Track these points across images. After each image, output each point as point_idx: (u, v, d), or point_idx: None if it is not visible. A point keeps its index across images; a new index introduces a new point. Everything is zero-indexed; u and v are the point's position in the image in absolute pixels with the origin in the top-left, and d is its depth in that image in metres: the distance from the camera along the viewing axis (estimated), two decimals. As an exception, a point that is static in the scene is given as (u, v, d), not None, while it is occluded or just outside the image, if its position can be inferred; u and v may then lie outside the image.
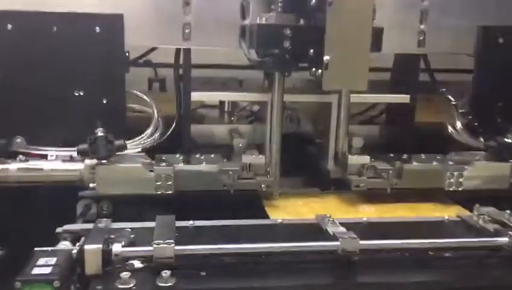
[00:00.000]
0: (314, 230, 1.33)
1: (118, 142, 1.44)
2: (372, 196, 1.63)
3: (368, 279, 1.19)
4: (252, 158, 1.58)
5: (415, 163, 1.64)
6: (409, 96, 1.74)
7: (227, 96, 1.68)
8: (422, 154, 1.70)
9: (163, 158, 1.55)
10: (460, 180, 1.60)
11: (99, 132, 1.42)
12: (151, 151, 1.59)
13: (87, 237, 1.18)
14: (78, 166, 1.47)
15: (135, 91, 1.64)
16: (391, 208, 1.60)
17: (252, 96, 1.71)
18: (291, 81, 1.67)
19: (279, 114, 1.60)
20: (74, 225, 1.32)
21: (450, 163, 1.63)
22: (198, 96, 1.64)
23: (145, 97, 1.64)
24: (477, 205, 1.46)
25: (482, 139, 1.70)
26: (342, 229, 1.26)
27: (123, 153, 1.52)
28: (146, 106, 1.67)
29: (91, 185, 1.45)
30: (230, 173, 1.53)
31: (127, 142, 1.49)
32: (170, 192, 1.48)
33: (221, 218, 1.40)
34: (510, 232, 1.26)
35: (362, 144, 1.67)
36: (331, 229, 1.26)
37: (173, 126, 1.65)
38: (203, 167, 1.53)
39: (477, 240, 1.30)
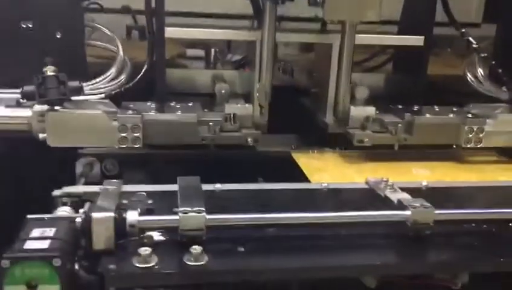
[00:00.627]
0: (369, 197, 1.12)
1: (72, 84, 1.18)
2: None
3: (444, 257, 0.96)
4: (236, 108, 1.34)
5: (427, 115, 1.39)
6: (423, 37, 1.47)
7: (207, 33, 1.41)
8: (436, 106, 1.46)
9: (131, 106, 1.30)
10: (480, 135, 1.37)
11: (49, 71, 1.17)
12: (119, 100, 1.34)
13: (95, 202, 0.94)
14: (26, 113, 1.22)
15: (95, 24, 1.37)
16: (445, 169, 1.37)
17: (238, 35, 1.45)
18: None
19: (271, 55, 1.34)
20: (75, 186, 1.10)
21: (469, 116, 1.39)
22: (173, 32, 1.37)
23: (106, 31, 1.37)
24: None
25: (505, 89, 1.44)
26: (407, 195, 1.04)
27: (83, 99, 1.27)
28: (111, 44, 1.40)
29: (41, 135, 1.20)
30: (211, 124, 1.29)
31: (85, 84, 1.23)
32: (138, 146, 1.24)
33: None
34: None
35: (367, 95, 1.43)
36: (392, 196, 1.05)
37: (144, 68, 1.38)
38: (178, 116, 1.29)
39: None
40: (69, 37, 1.31)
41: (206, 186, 1.09)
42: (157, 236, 0.91)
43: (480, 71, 1.49)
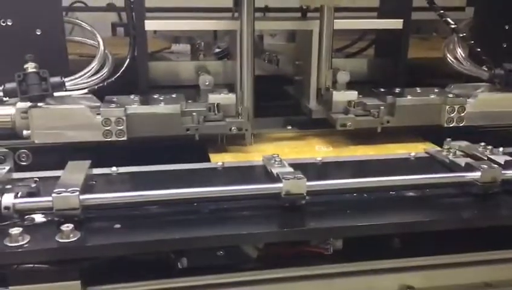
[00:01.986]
0: (260, 173, 1.18)
1: (53, 80, 1.19)
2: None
3: (316, 224, 1.01)
4: (220, 97, 1.35)
5: (409, 97, 1.41)
6: (402, 20, 1.49)
7: (186, 24, 1.42)
8: (418, 88, 1.47)
9: (114, 100, 1.31)
10: (462, 115, 1.39)
11: (30, 68, 1.17)
12: (102, 94, 1.34)
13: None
14: (9, 110, 1.22)
15: (75, 20, 1.37)
16: (352, 149, 1.42)
17: (217, 24, 1.45)
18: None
19: (250, 43, 1.35)
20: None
21: (450, 96, 1.40)
22: (153, 24, 1.38)
23: (86, 26, 1.38)
24: (448, 139, 1.32)
25: (485, 68, 1.46)
26: (289, 169, 1.09)
27: (65, 94, 1.28)
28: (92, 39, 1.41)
29: (25, 132, 1.21)
30: (195, 114, 1.30)
31: (66, 79, 1.24)
32: (123, 138, 1.25)
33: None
34: (483, 166, 1.09)
35: (348, 79, 1.44)
36: (276, 171, 1.08)
37: (126, 62, 1.39)
38: (161, 108, 1.29)
39: (444, 175, 1.14)
40: (49, 33, 1.30)
41: (103, 170, 1.17)
42: (40, 217, 0.97)
43: (459, 52, 1.51)
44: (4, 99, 1.22)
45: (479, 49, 1.45)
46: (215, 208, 1.04)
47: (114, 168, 1.20)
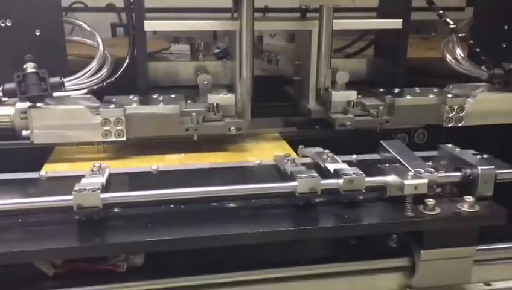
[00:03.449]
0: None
1: (53, 80, 1.19)
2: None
3: (112, 239, 0.96)
4: (219, 97, 1.35)
5: (408, 97, 1.41)
6: (401, 20, 1.49)
7: (186, 24, 1.42)
8: (417, 88, 1.47)
9: (114, 100, 1.31)
10: (461, 114, 1.39)
11: (29, 68, 1.17)
12: (101, 94, 1.34)
13: None
14: (8, 110, 1.22)
15: (74, 20, 1.37)
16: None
17: (216, 25, 1.45)
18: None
19: (250, 43, 1.35)
20: None
21: (449, 96, 1.40)
22: (152, 25, 1.38)
23: (85, 26, 1.38)
24: (301, 146, 1.31)
25: (484, 68, 1.46)
26: (100, 179, 1.03)
27: (65, 94, 1.28)
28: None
29: (24, 132, 1.21)
30: (194, 114, 1.30)
31: (66, 80, 1.24)
32: (123, 138, 1.25)
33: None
34: (302, 175, 1.04)
35: (347, 80, 1.44)
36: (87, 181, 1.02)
37: (126, 62, 1.39)
38: (161, 108, 1.29)
39: (262, 186, 1.06)
40: (48, 34, 1.31)
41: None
42: None
43: (459, 52, 1.50)
44: (3, 99, 1.23)
45: (478, 49, 1.45)
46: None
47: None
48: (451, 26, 1.46)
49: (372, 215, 1.05)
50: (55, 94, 1.23)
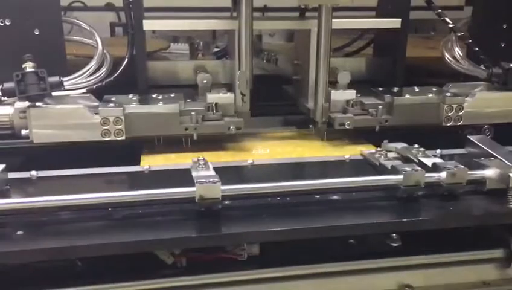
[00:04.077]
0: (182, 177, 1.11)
1: (52, 79, 1.19)
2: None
3: (229, 229, 0.99)
4: (218, 97, 1.35)
5: (407, 96, 1.41)
6: (400, 20, 1.49)
7: (185, 24, 1.42)
8: (416, 87, 1.48)
9: (113, 99, 1.31)
10: (460, 113, 1.39)
11: (28, 67, 1.17)
12: (100, 93, 1.34)
13: None
14: (7, 110, 1.22)
15: (73, 19, 1.37)
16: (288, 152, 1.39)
17: (215, 24, 1.45)
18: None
19: (249, 43, 1.35)
20: None
21: (448, 95, 1.40)
22: (151, 24, 1.38)
23: (84, 25, 1.38)
24: (385, 141, 1.32)
25: (483, 67, 1.46)
26: (209, 173, 1.07)
27: (64, 94, 1.28)
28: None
29: (23, 132, 1.21)
30: (193, 113, 1.30)
31: (65, 79, 1.24)
32: (122, 138, 1.25)
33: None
34: (406, 168, 1.08)
35: (349, 80, 1.44)
36: (197, 174, 1.05)
37: (125, 61, 1.39)
38: (160, 107, 1.29)
39: (367, 179, 1.11)
40: (47, 33, 1.31)
41: (22, 174, 1.17)
42: None
43: (457, 51, 1.51)
44: (2, 99, 1.22)
45: (477, 48, 1.46)
46: (129, 213, 1.02)
47: (34, 172, 1.18)
48: (450, 25, 1.46)
49: (475, 207, 1.09)
50: (54, 93, 1.22)
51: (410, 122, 1.41)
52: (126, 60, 1.40)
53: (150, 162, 1.28)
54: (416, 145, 1.26)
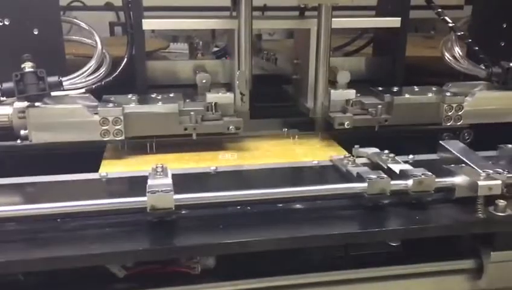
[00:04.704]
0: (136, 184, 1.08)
1: (51, 79, 1.19)
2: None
3: (183, 241, 0.94)
4: (218, 96, 1.35)
5: (406, 96, 1.41)
6: (399, 19, 1.49)
7: (183, 23, 1.42)
8: (416, 87, 1.47)
9: (112, 99, 1.31)
10: (460, 113, 1.39)
11: (27, 67, 1.17)
12: (99, 93, 1.34)
13: None
14: (6, 110, 1.22)
15: (72, 19, 1.37)
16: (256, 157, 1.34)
17: (214, 24, 1.45)
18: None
19: (248, 42, 1.35)
20: None
21: (448, 94, 1.40)
22: (150, 24, 1.38)
23: (83, 25, 1.38)
24: (356, 146, 1.28)
25: (483, 67, 1.46)
26: (167, 181, 1.00)
27: (63, 94, 1.28)
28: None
29: (22, 132, 1.21)
30: (192, 113, 1.30)
31: (64, 79, 1.24)
32: (121, 138, 1.25)
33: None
34: (371, 176, 1.03)
35: (349, 79, 1.44)
36: (152, 183, 1.00)
37: (124, 61, 1.39)
38: (159, 107, 1.29)
39: (331, 187, 1.07)
40: (46, 33, 1.31)
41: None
42: None
43: (457, 50, 1.50)
44: (1, 99, 1.22)
45: (476, 48, 1.45)
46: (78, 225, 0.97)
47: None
48: (450, 24, 1.46)
49: (443, 216, 1.04)
50: (53, 93, 1.22)
51: (409, 121, 1.41)
52: (125, 59, 1.40)
53: (110, 169, 1.23)
54: (386, 151, 1.21)
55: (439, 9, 1.46)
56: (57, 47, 1.33)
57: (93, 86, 1.34)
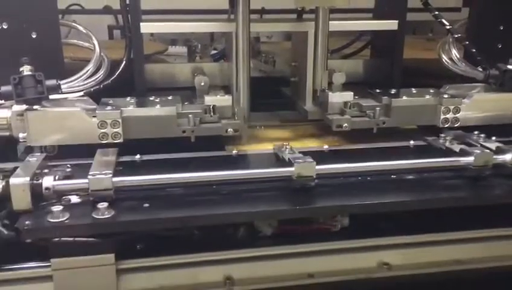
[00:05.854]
0: (271, 159, 1.27)
1: (49, 82, 1.19)
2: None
3: (324, 203, 1.12)
4: (216, 99, 1.35)
5: (404, 98, 1.41)
6: (397, 21, 1.49)
7: (181, 27, 1.42)
8: (413, 89, 1.48)
9: (110, 102, 1.31)
10: (457, 115, 1.39)
11: (26, 71, 1.17)
12: (98, 96, 1.34)
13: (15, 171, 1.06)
14: (5, 113, 1.22)
15: (70, 22, 1.37)
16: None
17: (212, 26, 1.46)
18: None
19: (246, 45, 1.35)
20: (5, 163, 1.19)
21: (445, 96, 1.41)
22: (148, 27, 1.38)
23: (81, 28, 1.38)
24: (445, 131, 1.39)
25: (480, 69, 1.46)
26: (299, 155, 1.17)
27: (61, 97, 1.28)
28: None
29: (21, 135, 1.21)
30: (191, 116, 1.30)
31: (62, 82, 1.24)
32: (119, 141, 1.25)
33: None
34: (476, 151, 1.20)
35: (344, 81, 1.44)
36: (288, 157, 1.16)
37: (123, 64, 1.39)
38: (157, 110, 1.29)
39: (440, 160, 1.23)
40: (45, 36, 1.31)
41: (127, 157, 1.25)
42: (75, 198, 1.07)
43: (455, 52, 1.51)
44: (0, 102, 1.23)
45: (474, 50, 1.46)
46: (231, 190, 1.12)
47: (138, 156, 1.27)
48: (447, 27, 1.46)
49: None
50: (51, 97, 1.23)
51: (407, 123, 1.41)
52: (124, 62, 1.40)
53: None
54: (476, 132, 1.35)
55: (436, 12, 1.46)
56: (55, 50, 1.33)
57: (92, 89, 1.34)
